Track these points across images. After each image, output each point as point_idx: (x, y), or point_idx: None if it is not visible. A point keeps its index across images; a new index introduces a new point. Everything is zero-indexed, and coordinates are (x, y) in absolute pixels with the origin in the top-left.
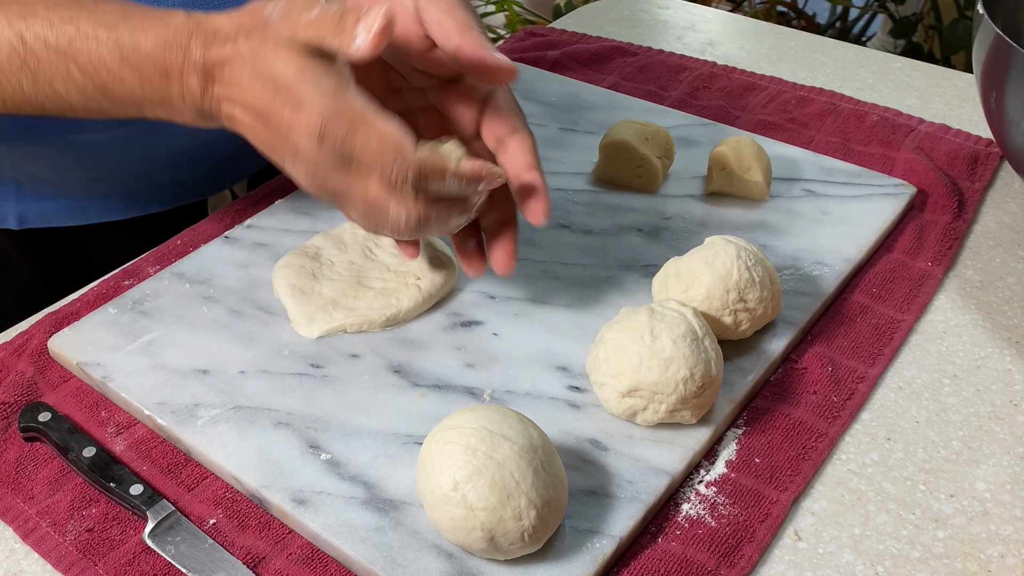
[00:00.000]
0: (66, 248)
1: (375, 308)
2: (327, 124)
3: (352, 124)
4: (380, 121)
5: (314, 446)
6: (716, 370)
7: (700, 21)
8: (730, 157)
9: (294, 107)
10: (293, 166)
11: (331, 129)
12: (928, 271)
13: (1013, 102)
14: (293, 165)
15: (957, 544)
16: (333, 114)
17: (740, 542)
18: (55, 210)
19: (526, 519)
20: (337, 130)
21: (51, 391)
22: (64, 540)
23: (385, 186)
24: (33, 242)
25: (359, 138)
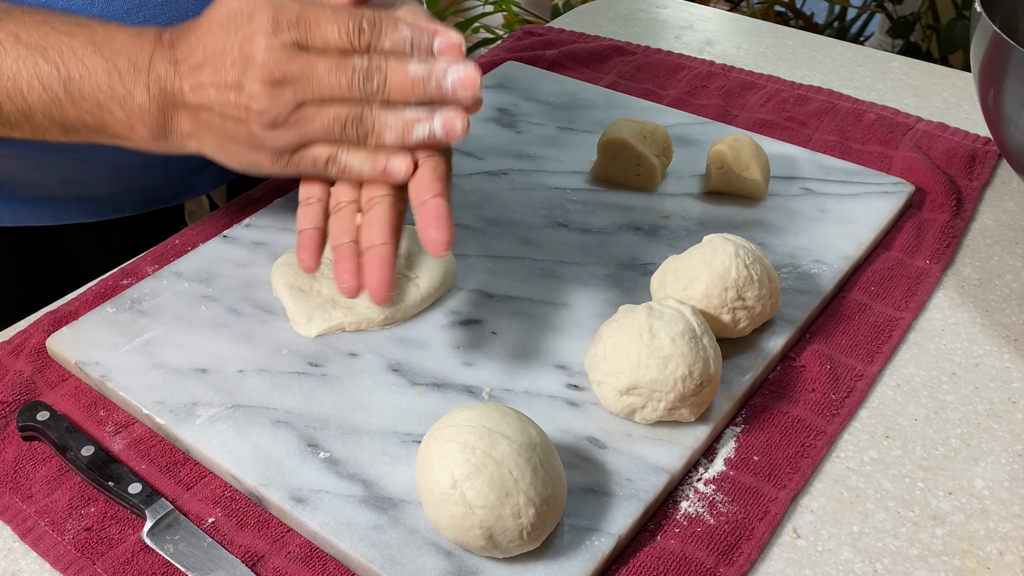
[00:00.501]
0: (44, 247)
1: (373, 307)
2: (277, 8)
3: (301, 3)
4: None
5: (313, 444)
6: (715, 368)
7: (698, 20)
8: (728, 156)
9: (248, 16)
10: (250, 99)
11: (284, 15)
12: (926, 269)
13: (1011, 100)
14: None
15: (956, 541)
16: (284, 3)
17: (739, 540)
18: (28, 210)
19: (525, 517)
20: (289, 13)
21: (49, 390)
22: (62, 539)
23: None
24: (9, 240)
25: (310, 9)
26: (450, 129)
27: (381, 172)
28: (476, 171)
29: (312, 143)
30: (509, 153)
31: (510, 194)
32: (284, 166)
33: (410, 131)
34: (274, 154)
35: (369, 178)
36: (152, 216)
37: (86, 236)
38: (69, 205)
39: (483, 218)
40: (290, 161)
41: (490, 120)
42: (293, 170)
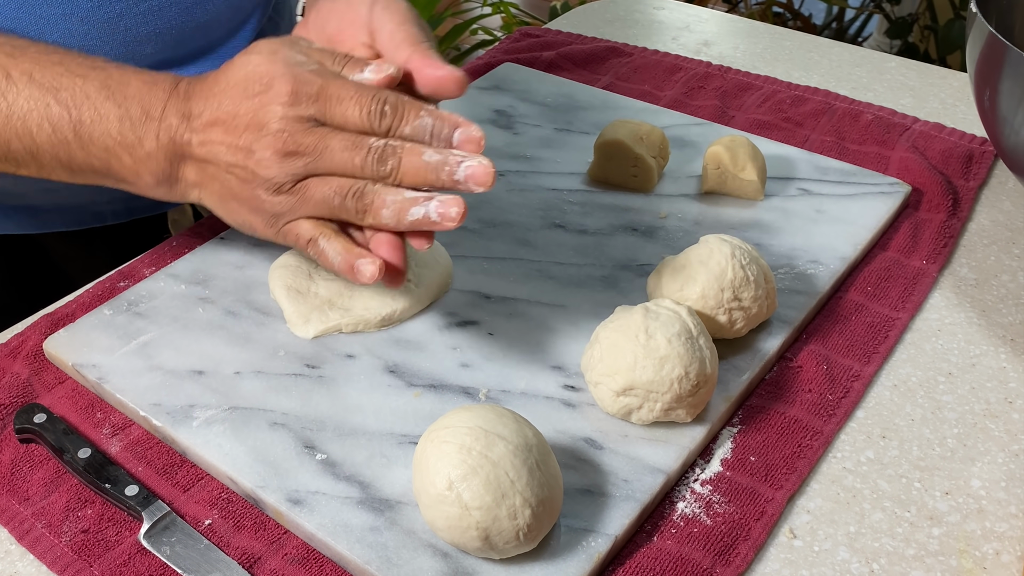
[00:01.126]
0: (27, 254)
1: (370, 308)
2: (298, 82)
3: (324, 78)
4: (348, 79)
5: (309, 446)
6: (711, 369)
7: (695, 21)
8: (725, 156)
9: (267, 84)
10: (258, 166)
11: (303, 89)
12: (923, 269)
13: (1006, 100)
14: (259, 163)
15: (952, 541)
16: (303, 74)
17: (735, 540)
18: (9, 218)
19: (521, 518)
20: (310, 87)
21: (46, 392)
22: (59, 541)
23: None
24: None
25: (331, 87)
26: (445, 214)
27: (349, 268)
28: None
29: (307, 215)
30: (506, 154)
31: (507, 195)
32: (275, 233)
33: (406, 212)
34: (271, 218)
35: (338, 270)
36: (135, 225)
37: (69, 245)
38: (51, 214)
39: (480, 219)
40: (279, 231)
41: (487, 122)
42: (281, 240)
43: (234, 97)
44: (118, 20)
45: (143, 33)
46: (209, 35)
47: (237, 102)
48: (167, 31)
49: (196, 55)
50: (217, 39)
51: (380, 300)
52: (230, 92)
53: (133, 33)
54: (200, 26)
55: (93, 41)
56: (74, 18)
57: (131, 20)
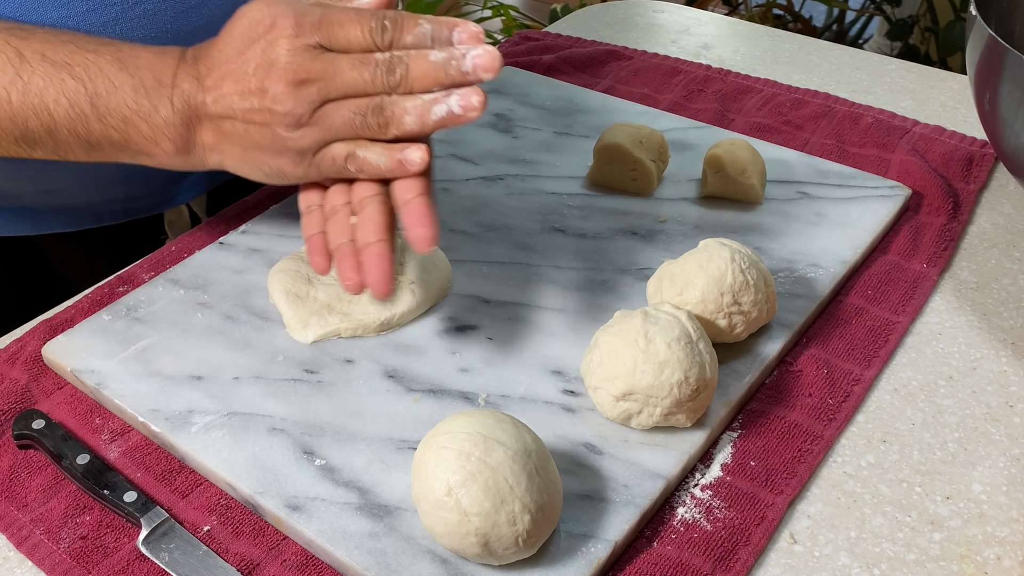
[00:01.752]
0: (25, 255)
1: (369, 313)
2: (299, 13)
3: (323, 8)
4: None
5: (308, 452)
6: (711, 373)
7: (695, 25)
8: (725, 160)
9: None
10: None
11: (306, 20)
12: (923, 273)
13: (1006, 103)
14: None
15: (953, 546)
16: (304, 6)
17: (736, 546)
18: (6, 219)
19: (520, 524)
20: (312, 17)
21: (45, 398)
22: (58, 548)
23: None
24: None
25: (332, 12)
26: (467, 105)
27: (398, 163)
28: (472, 176)
29: (332, 141)
30: (505, 158)
31: (506, 199)
32: (307, 168)
33: (428, 113)
34: (297, 156)
35: (387, 171)
36: (132, 226)
37: (65, 246)
38: (47, 215)
39: (479, 223)
40: (311, 163)
41: (486, 125)
42: (315, 173)
43: (239, 46)
44: (113, 24)
45: (138, 37)
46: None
47: (243, 49)
48: (162, 35)
49: None
50: None
51: (379, 305)
52: (234, 41)
53: (128, 37)
54: (196, 30)
55: None
56: (69, 22)
57: (126, 24)
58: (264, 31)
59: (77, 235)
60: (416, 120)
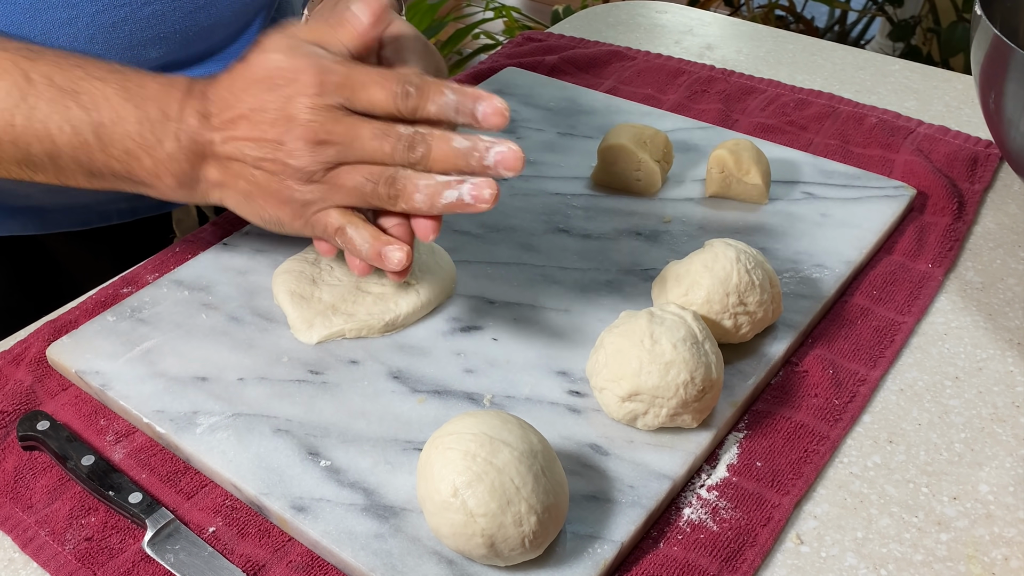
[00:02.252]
0: (33, 255)
1: (374, 313)
2: (322, 70)
3: (347, 66)
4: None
5: (313, 453)
6: (716, 374)
7: (698, 25)
8: (729, 160)
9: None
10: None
11: (329, 77)
12: (928, 273)
13: (1012, 103)
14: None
15: (960, 547)
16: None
17: (742, 546)
18: (14, 219)
19: (526, 525)
20: (335, 76)
21: (50, 399)
22: (63, 549)
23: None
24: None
25: (356, 73)
26: (478, 196)
27: (377, 255)
28: None
29: (337, 202)
30: None
31: (510, 200)
32: (303, 224)
33: (439, 196)
34: (299, 207)
35: (365, 258)
36: (139, 224)
37: (73, 245)
38: (55, 214)
39: (483, 224)
40: (308, 220)
41: None
42: (309, 231)
43: (258, 93)
44: (122, 24)
45: (147, 37)
46: (213, 38)
47: (262, 97)
48: (171, 35)
49: (200, 58)
50: (221, 42)
51: (383, 305)
52: (252, 88)
53: (137, 37)
54: (204, 30)
55: (97, 46)
56: (78, 23)
57: (134, 25)
58: (285, 83)
59: (85, 234)
60: (426, 200)
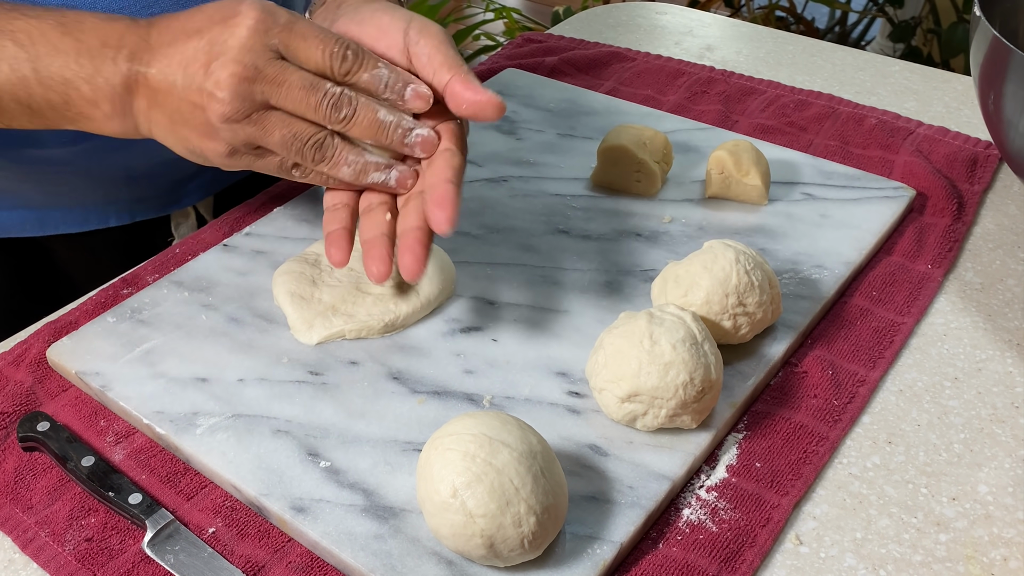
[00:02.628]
0: (32, 257)
1: (374, 314)
2: (265, 12)
3: (290, 15)
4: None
5: (313, 454)
6: (716, 374)
7: (698, 26)
8: (728, 161)
9: (236, 10)
10: (216, 87)
11: (269, 21)
12: (928, 274)
13: (1011, 104)
14: (217, 84)
15: (959, 547)
16: (271, 7)
17: (741, 547)
18: (12, 220)
19: (526, 525)
20: (277, 20)
21: (50, 400)
22: (63, 550)
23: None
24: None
25: (298, 25)
26: (401, 183)
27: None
28: (476, 178)
29: (266, 149)
30: (509, 160)
31: (510, 201)
32: (235, 161)
33: (367, 173)
34: (227, 147)
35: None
36: (138, 227)
37: (72, 247)
38: (54, 215)
39: (483, 225)
40: (243, 158)
41: (490, 127)
42: (245, 166)
43: (198, 19)
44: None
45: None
46: None
47: (202, 22)
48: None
49: None
50: None
51: (383, 306)
52: (195, 16)
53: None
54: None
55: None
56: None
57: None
58: (227, 15)
59: (84, 236)
60: (352, 174)
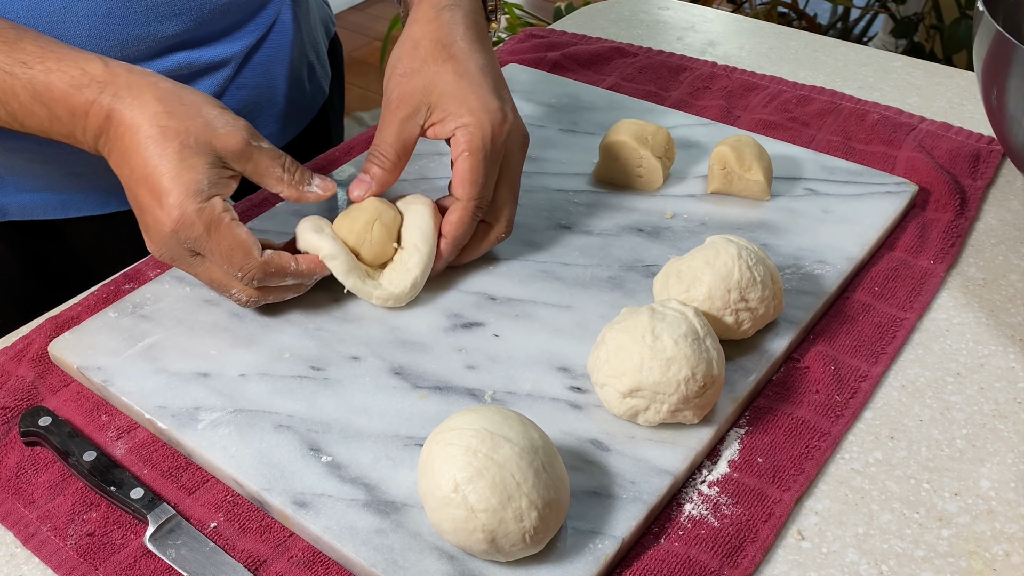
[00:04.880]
0: (51, 241)
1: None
2: (183, 224)
3: (208, 227)
4: (234, 227)
5: (315, 448)
6: (718, 370)
7: (700, 21)
8: (731, 156)
9: (156, 197)
10: (147, 237)
11: (185, 231)
12: (930, 269)
13: (1014, 99)
14: (147, 236)
15: (962, 543)
16: (192, 216)
17: (743, 542)
18: (35, 203)
19: (527, 520)
20: (191, 232)
21: (52, 395)
22: (65, 544)
23: (229, 276)
24: (18, 234)
25: (211, 241)
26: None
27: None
28: None
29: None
30: None
31: None
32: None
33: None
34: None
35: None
36: None
37: (92, 231)
38: (76, 198)
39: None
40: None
41: None
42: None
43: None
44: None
45: (162, 13)
46: (227, 18)
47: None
48: (185, 11)
49: (216, 37)
50: (236, 22)
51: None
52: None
53: (152, 12)
54: (217, 9)
55: (114, 20)
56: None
57: (149, 1)
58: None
59: (104, 219)
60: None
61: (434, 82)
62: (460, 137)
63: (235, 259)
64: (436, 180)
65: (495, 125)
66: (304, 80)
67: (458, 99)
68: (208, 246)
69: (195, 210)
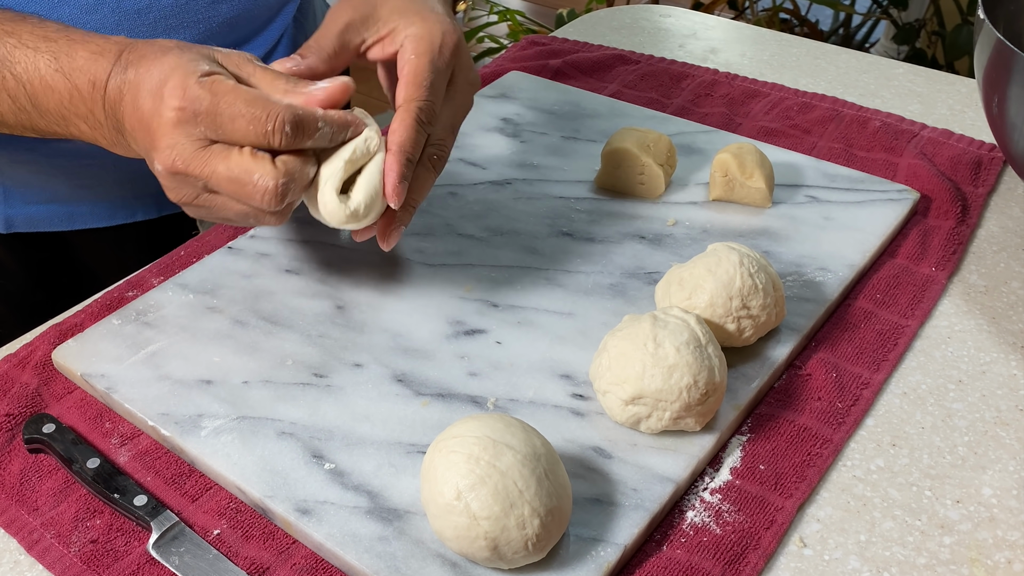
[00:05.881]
0: (56, 252)
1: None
2: (188, 100)
3: (215, 94)
4: (243, 87)
5: (318, 456)
6: (720, 377)
7: (702, 29)
8: (732, 164)
9: (158, 91)
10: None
11: (193, 107)
12: (932, 276)
13: (1015, 106)
14: (154, 149)
15: (964, 550)
16: (195, 89)
17: (745, 549)
18: (41, 215)
19: (529, 528)
20: (199, 105)
21: (55, 402)
22: (68, 551)
23: (250, 152)
24: (24, 246)
25: (223, 105)
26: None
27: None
28: (480, 181)
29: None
30: (513, 163)
31: (514, 204)
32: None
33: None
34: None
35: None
36: (164, 222)
37: (99, 242)
38: (82, 209)
39: (487, 228)
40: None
41: (494, 130)
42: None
43: (145, 98)
44: (146, 12)
45: (170, 24)
46: (237, 31)
47: (144, 106)
48: (194, 23)
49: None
50: (245, 35)
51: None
52: (144, 92)
53: (161, 24)
54: (226, 21)
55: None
56: (104, 9)
57: (158, 12)
58: (156, 96)
59: (111, 232)
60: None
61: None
62: (408, 45)
63: (257, 113)
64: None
65: (446, 34)
66: None
67: (408, 15)
68: (221, 120)
69: (197, 83)
